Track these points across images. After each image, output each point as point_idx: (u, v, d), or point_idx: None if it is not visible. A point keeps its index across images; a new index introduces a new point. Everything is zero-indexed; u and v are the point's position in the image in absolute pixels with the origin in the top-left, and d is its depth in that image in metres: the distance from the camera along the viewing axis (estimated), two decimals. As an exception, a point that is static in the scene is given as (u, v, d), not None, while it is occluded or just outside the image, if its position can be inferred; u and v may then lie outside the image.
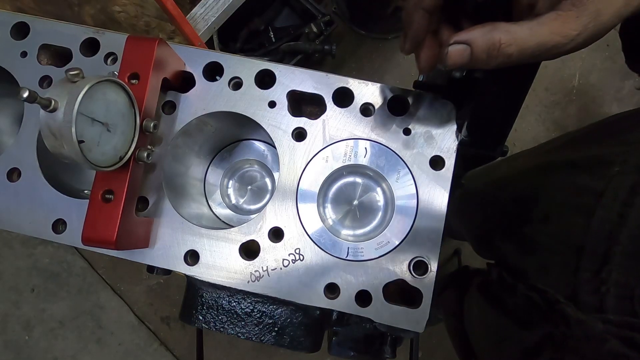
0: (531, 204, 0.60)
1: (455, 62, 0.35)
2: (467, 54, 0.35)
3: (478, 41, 0.34)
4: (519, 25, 0.33)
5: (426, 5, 0.37)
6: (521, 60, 0.34)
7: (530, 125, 1.68)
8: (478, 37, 0.34)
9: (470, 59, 0.35)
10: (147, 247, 0.50)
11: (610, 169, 0.49)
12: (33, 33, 0.54)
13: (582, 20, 0.32)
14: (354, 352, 0.59)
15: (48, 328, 1.63)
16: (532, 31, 0.33)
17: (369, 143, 0.51)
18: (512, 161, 0.78)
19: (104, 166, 0.41)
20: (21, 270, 1.66)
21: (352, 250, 0.48)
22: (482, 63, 0.35)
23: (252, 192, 0.63)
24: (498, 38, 0.33)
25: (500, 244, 0.66)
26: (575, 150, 0.61)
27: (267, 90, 0.52)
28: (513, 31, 0.33)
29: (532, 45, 0.33)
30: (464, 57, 0.35)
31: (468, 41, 0.34)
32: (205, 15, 1.13)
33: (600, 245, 0.46)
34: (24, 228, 0.51)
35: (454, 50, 0.35)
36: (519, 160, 0.76)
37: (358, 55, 1.73)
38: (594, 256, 0.47)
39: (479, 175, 0.81)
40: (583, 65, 1.69)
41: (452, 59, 0.35)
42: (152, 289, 1.66)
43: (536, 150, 0.74)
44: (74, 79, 0.37)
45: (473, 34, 0.34)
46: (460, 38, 0.35)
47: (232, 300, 0.53)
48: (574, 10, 0.32)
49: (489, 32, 0.34)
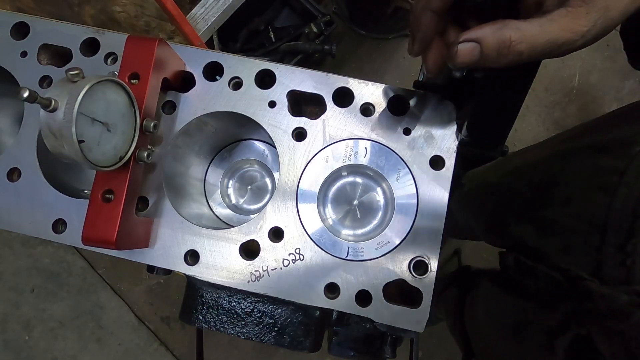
0: (551, 188, 0.59)
1: (464, 61, 0.35)
2: (477, 52, 0.34)
3: (488, 39, 0.34)
4: (528, 23, 0.33)
5: (434, 7, 0.37)
6: (532, 57, 0.34)
7: (530, 125, 1.68)
8: (488, 35, 0.34)
9: (480, 57, 0.34)
10: (147, 247, 0.50)
11: (632, 149, 0.48)
12: (33, 33, 0.54)
13: (592, 17, 0.32)
14: (354, 352, 0.59)
15: (48, 328, 1.63)
16: (542, 28, 0.33)
17: (369, 143, 0.51)
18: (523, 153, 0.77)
19: (104, 166, 0.41)
20: (21, 270, 1.66)
21: (352, 250, 0.48)
22: (492, 61, 0.34)
23: (252, 192, 0.63)
24: (508, 35, 0.33)
25: (515, 227, 0.65)
26: (594, 136, 0.60)
27: (267, 90, 0.52)
28: (523, 28, 0.33)
29: (543, 42, 0.33)
30: (474, 56, 0.34)
31: (478, 39, 0.34)
32: (205, 15, 1.13)
33: (625, 220, 0.46)
34: (24, 228, 0.51)
35: (464, 48, 0.34)
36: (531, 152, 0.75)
37: (358, 55, 1.73)
38: (619, 232, 0.46)
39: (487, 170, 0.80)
40: (583, 65, 1.69)
41: (461, 57, 0.35)
42: (152, 289, 1.65)
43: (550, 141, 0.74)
44: (74, 78, 0.37)
45: (483, 31, 0.34)
46: (470, 36, 0.34)
47: (232, 300, 0.53)
48: (584, 6, 0.32)
49: (499, 30, 0.33)
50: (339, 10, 1.69)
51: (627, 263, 0.45)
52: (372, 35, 1.71)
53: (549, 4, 0.34)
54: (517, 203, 0.67)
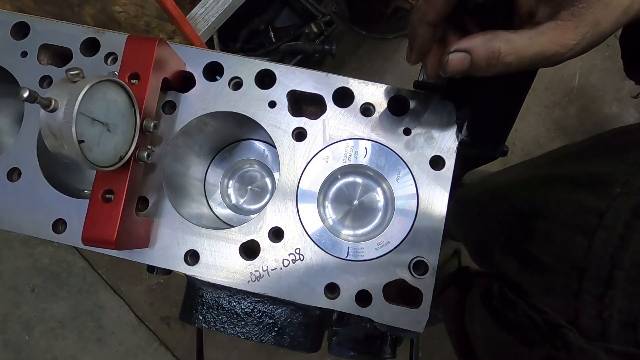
0: (532, 219, 0.59)
1: (455, 70, 0.36)
2: (467, 61, 0.35)
3: (478, 49, 0.35)
4: (518, 34, 0.34)
5: (430, 20, 0.38)
6: (520, 68, 0.35)
7: (530, 125, 1.68)
8: (478, 46, 0.35)
9: (470, 67, 0.35)
10: (147, 247, 0.50)
11: (612, 189, 0.48)
12: (33, 33, 0.54)
13: (581, 30, 0.33)
14: (354, 352, 0.59)
15: (48, 328, 1.63)
16: (532, 40, 0.34)
17: (369, 143, 0.51)
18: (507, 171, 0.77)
19: (104, 166, 0.41)
20: (21, 270, 1.66)
21: (352, 250, 0.48)
22: (481, 71, 0.35)
23: (252, 192, 0.63)
24: (498, 47, 0.34)
25: (500, 258, 0.65)
26: (575, 164, 0.60)
27: (267, 90, 0.52)
28: (513, 40, 0.34)
29: (531, 54, 0.34)
30: (464, 65, 0.35)
31: (468, 49, 0.35)
32: (205, 15, 1.13)
33: (603, 268, 0.45)
34: (24, 228, 0.51)
35: (454, 58, 0.36)
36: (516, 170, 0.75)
37: (358, 55, 1.73)
38: (597, 280, 0.46)
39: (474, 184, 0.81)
40: (583, 65, 1.69)
41: (452, 66, 0.36)
42: (152, 289, 1.65)
43: (534, 162, 0.74)
44: (74, 78, 0.37)
45: (473, 42, 0.35)
46: (461, 46, 0.35)
47: (232, 300, 0.53)
48: (573, 20, 0.33)
49: (489, 41, 0.34)
50: (339, 10, 1.69)
51: (603, 316, 0.44)
52: (372, 35, 1.71)
53: (540, 15, 0.35)
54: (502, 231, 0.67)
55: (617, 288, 0.44)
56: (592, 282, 0.46)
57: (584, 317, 0.46)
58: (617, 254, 0.45)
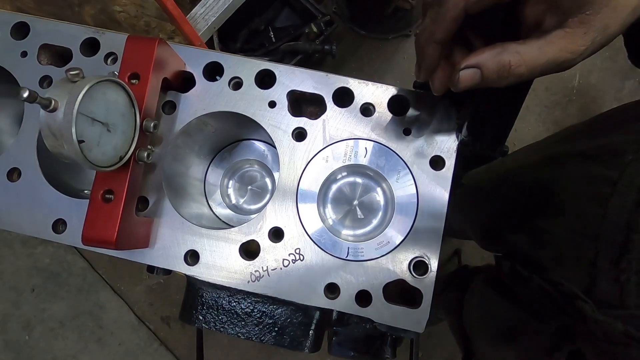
0: (544, 196, 0.59)
1: (466, 86, 0.36)
2: (477, 76, 0.35)
3: (488, 64, 0.35)
4: (527, 45, 0.34)
5: (437, 39, 0.38)
6: (532, 77, 0.35)
7: (530, 125, 1.68)
8: (488, 60, 0.35)
9: (481, 80, 0.36)
10: (147, 247, 0.50)
11: (624, 157, 0.48)
12: (33, 33, 0.53)
13: (590, 36, 0.33)
14: (354, 352, 0.59)
15: (48, 328, 1.63)
16: (541, 50, 0.34)
17: (369, 143, 0.51)
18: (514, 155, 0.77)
19: (104, 166, 0.41)
20: (21, 270, 1.66)
21: (352, 250, 0.48)
22: (493, 83, 0.36)
23: (252, 192, 0.63)
24: (508, 60, 0.34)
25: (510, 236, 0.65)
26: (584, 141, 0.60)
27: (267, 90, 0.52)
28: (522, 52, 0.34)
29: (542, 63, 0.34)
30: (475, 80, 0.36)
31: (478, 65, 0.35)
32: (205, 15, 1.13)
33: (619, 234, 0.46)
34: (24, 228, 0.51)
35: (465, 74, 0.36)
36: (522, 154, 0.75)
37: (358, 55, 1.73)
38: (612, 245, 0.46)
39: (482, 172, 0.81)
40: (583, 65, 1.68)
41: (463, 82, 0.36)
42: (152, 289, 1.66)
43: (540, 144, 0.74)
44: (74, 78, 0.37)
45: (483, 57, 0.35)
46: (471, 62, 0.35)
47: (232, 300, 0.53)
48: (582, 27, 0.33)
49: (498, 55, 0.34)
50: (339, 10, 1.69)
51: (621, 280, 0.45)
52: (372, 35, 1.71)
53: (548, 24, 0.35)
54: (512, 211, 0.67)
55: (634, 251, 0.44)
56: (608, 248, 0.46)
57: (602, 284, 0.46)
58: (632, 219, 0.45)
